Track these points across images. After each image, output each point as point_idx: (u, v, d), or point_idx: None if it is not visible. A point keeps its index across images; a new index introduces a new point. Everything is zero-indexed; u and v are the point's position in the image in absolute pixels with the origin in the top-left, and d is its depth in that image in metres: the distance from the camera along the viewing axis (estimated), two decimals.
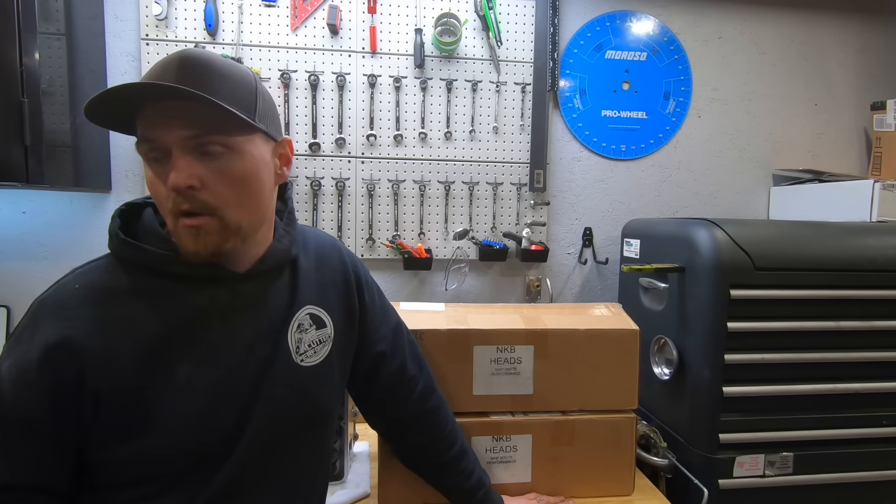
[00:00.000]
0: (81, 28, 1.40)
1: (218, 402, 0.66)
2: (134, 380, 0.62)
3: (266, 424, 0.69)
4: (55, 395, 0.60)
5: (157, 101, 0.61)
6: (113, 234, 0.66)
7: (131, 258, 0.66)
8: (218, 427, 0.66)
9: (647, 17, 1.75)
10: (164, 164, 0.61)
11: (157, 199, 0.64)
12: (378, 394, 0.89)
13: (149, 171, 0.63)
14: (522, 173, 1.70)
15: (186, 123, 0.60)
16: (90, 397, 0.60)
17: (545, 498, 1.04)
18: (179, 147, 0.60)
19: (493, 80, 1.67)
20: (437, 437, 0.92)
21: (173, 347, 0.64)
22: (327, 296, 0.80)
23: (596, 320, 1.09)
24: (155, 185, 0.63)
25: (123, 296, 0.64)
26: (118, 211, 0.69)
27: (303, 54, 1.58)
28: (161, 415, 0.62)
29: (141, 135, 0.62)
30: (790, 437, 1.19)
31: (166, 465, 0.64)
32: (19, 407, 0.59)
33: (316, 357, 0.76)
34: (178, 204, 0.61)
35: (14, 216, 1.51)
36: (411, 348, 0.93)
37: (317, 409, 0.77)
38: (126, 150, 1.54)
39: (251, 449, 0.68)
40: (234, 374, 0.67)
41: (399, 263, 1.66)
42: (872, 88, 1.88)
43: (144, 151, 0.63)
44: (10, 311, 1.52)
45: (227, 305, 0.68)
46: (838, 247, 1.22)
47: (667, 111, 1.78)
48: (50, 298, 0.64)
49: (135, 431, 0.62)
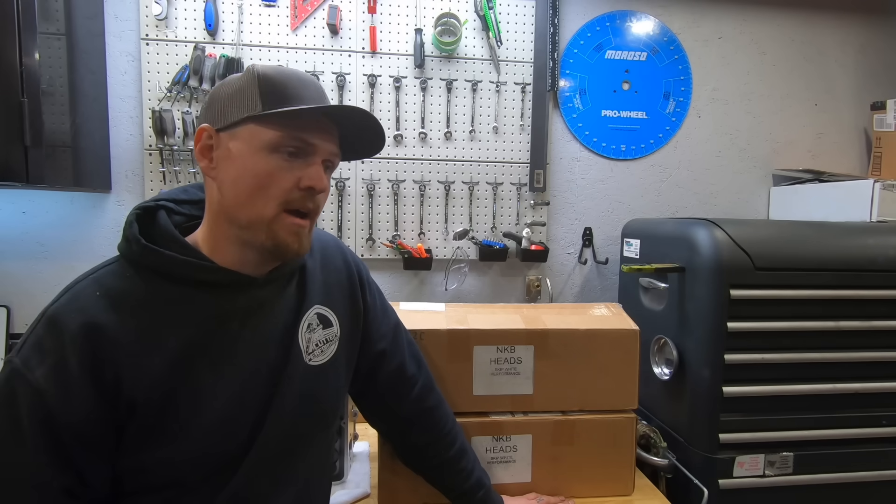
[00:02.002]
0: (81, 28, 1.40)
1: (239, 407, 0.67)
2: (164, 386, 0.61)
3: (281, 425, 0.70)
4: (99, 396, 0.58)
5: (326, 115, 0.68)
6: (132, 239, 0.64)
7: (151, 264, 0.64)
8: (238, 430, 0.67)
9: (647, 17, 1.75)
10: (295, 161, 0.66)
11: (268, 190, 0.65)
12: (378, 392, 0.90)
13: (269, 161, 0.65)
14: (522, 173, 1.70)
15: (335, 143, 0.70)
16: (125, 404, 0.60)
17: (545, 498, 1.04)
18: (324, 157, 0.68)
19: (493, 80, 1.67)
20: (436, 435, 0.92)
21: (198, 353, 0.64)
22: (333, 296, 0.81)
23: (596, 320, 1.09)
24: (275, 177, 0.65)
25: (146, 302, 0.63)
26: (134, 215, 0.67)
27: (303, 54, 1.58)
28: (187, 422, 0.63)
29: (294, 133, 0.65)
30: (790, 437, 1.19)
31: (190, 470, 0.64)
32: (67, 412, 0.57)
33: (323, 356, 0.77)
34: (303, 201, 0.67)
35: (14, 216, 1.51)
36: (410, 347, 0.93)
37: (324, 409, 0.78)
38: (126, 150, 1.54)
39: (267, 450, 0.68)
40: (252, 378, 0.68)
41: (399, 263, 1.66)
42: (873, 88, 1.88)
43: (286, 143, 0.65)
44: (10, 311, 1.52)
45: (246, 311, 0.69)
46: (838, 247, 1.22)
47: (667, 111, 1.78)
48: (68, 305, 0.61)
49: (166, 437, 0.62)
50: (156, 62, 1.52)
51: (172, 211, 0.71)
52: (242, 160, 0.65)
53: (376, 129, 0.72)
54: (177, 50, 1.53)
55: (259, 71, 0.66)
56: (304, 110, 0.64)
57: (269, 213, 0.65)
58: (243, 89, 0.66)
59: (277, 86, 0.65)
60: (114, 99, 1.53)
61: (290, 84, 0.66)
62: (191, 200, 0.75)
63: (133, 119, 1.54)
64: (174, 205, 0.72)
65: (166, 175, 1.52)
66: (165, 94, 1.52)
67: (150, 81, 1.52)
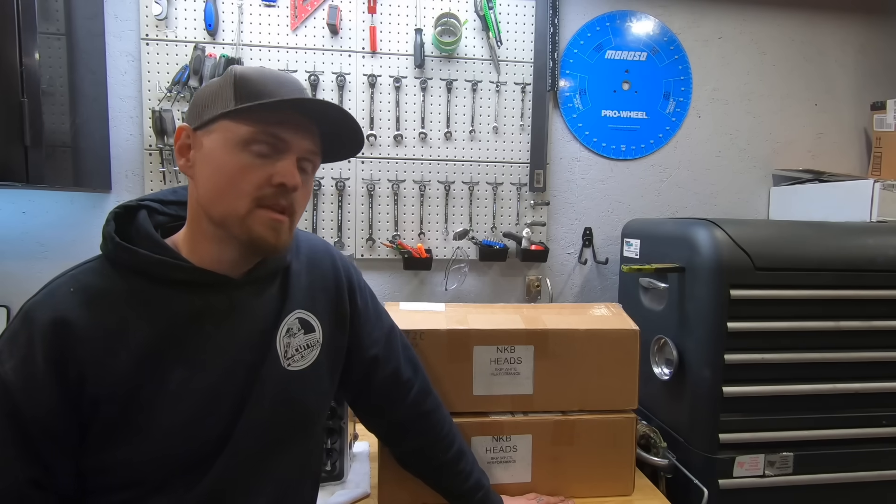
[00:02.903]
0: (81, 28, 1.40)
1: (208, 407, 0.66)
2: (129, 384, 0.62)
3: (253, 429, 0.69)
4: (62, 391, 0.59)
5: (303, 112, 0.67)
6: (108, 237, 0.65)
7: (126, 262, 0.65)
8: (207, 431, 0.66)
9: (647, 17, 1.75)
10: (268, 157, 0.65)
11: (239, 185, 0.65)
12: (373, 398, 0.89)
13: (241, 157, 0.64)
14: (522, 173, 1.70)
15: (312, 140, 0.69)
16: (88, 400, 0.60)
17: (545, 498, 1.04)
18: (297, 154, 0.67)
19: (493, 80, 1.67)
20: (434, 439, 0.92)
21: (168, 353, 0.64)
22: (317, 300, 0.80)
23: (596, 320, 1.09)
24: (247, 172, 0.64)
25: (119, 300, 0.64)
26: (113, 214, 0.68)
27: (303, 54, 1.58)
28: (154, 420, 0.62)
29: (266, 129, 0.64)
30: (790, 437, 1.19)
31: (156, 469, 0.64)
32: (32, 405, 0.59)
33: (303, 361, 0.75)
34: (276, 198, 0.66)
35: (14, 216, 1.51)
36: (405, 352, 0.92)
37: (302, 413, 0.77)
38: (126, 150, 1.54)
39: (238, 453, 0.68)
40: (224, 379, 0.67)
41: (399, 263, 1.66)
42: (873, 88, 1.88)
43: (258, 138, 0.64)
44: (9, 311, 1.51)
45: (221, 311, 0.68)
46: (838, 247, 1.22)
47: (667, 111, 1.78)
48: (43, 301, 0.63)
49: (127, 436, 0.62)
50: (156, 62, 1.52)
51: (156, 211, 0.72)
52: (215, 157, 0.65)
53: (353, 127, 0.71)
54: (177, 50, 1.53)
55: (238, 72, 0.66)
56: (270, 104, 0.63)
57: (242, 209, 0.65)
58: (221, 89, 0.66)
59: (253, 84, 0.65)
60: (114, 99, 1.53)
61: (266, 82, 0.65)
62: (179, 201, 0.75)
63: (133, 119, 1.54)
64: (159, 205, 0.73)
65: (166, 175, 1.52)
66: (165, 94, 1.52)
67: (150, 81, 1.52)
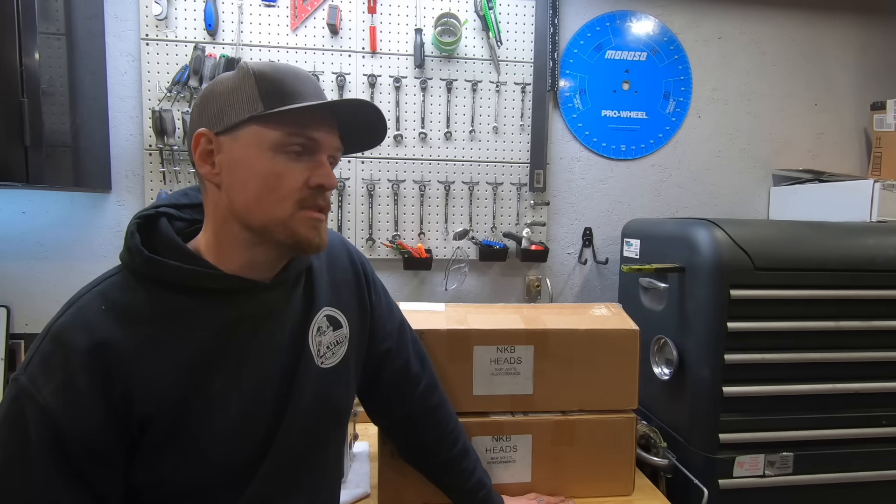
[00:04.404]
0: (81, 28, 1.40)
1: (252, 413, 0.66)
2: (173, 399, 0.61)
3: (296, 430, 0.69)
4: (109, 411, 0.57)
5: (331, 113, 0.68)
6: (135, 250, 0.63)
7: (155, 275, 0.63)
8: (252, 438, 0.66)
9: (647, 17, 1.75)
10: (301, 159, 0.65)
11: (280, 190, 0.64)
12: (382, 390, 0.90)
13: (276, 161, 0.64)
14: (522, 173, 1.70)
15: (336, 136, 0.69)
16: (136, 420, 0.59)
17: (545, 498, 1.04)
18: (329, 153, 0.68)
19: (493, 80, 1.67)
20: (439, 434, 0.92)
21: (208, 364, 0.63)
22: (341, 296, 0.80)
23: (596, 320, 1.09)
24: (286, 176, 0.64)
25: (154, 315, 0.62)
26: (135, 225, 0.65)
27: (303, 54, 1.58)
28: (202, 432, 0.62)
29: (300, 131, 0.64)
30: (790, 437, 1.19)
31: (208, 478, 0.64)
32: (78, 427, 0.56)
33: (334, 358, 0.76)
34: (315, 198, 0.66)
35: (14, 216, 1.51)
36: (415, 346, 0.93)
37: (337, 410, 0.78)
38: (126, 150, 1.54)
39: (281, 455, 0.68)
40: (264, 384, 0.68)
41: (399, 263, 1.66)
42: (873, 88, 1.88)
43: (291, 142, 0.64)
44: (10, 311, 1.52)
45: (256, 317, 0.68)
46: (838, 247, 1.22)
47: (667, 111, 1.78)
48: (74, 322, 0.59)
49: (174, 451, 0.61)
50: (156, 62, 1.52)
51: (173, 217, 0.70)
52: (248, 163, 0.64)
53: (380, 118, 0.72)
54: (177, 50, 1.53)
55: (254, 69, 0.64)
56: (310, 107, 0.63)
57: (285, 213, 0.65)
58: (239, 89, 0.64)
59: (275, 83, 0.64)
60: (114, 99, 1.53)
61: (287, 80, 0.65)
62: (192, 204, 0.73)
63: (133, 119, 1.54)
64: (175, 210, 0.71)
65: (166, 175, 1.52)
66: (165, 94, 1.52)
67: (150, 81, 1.52)
